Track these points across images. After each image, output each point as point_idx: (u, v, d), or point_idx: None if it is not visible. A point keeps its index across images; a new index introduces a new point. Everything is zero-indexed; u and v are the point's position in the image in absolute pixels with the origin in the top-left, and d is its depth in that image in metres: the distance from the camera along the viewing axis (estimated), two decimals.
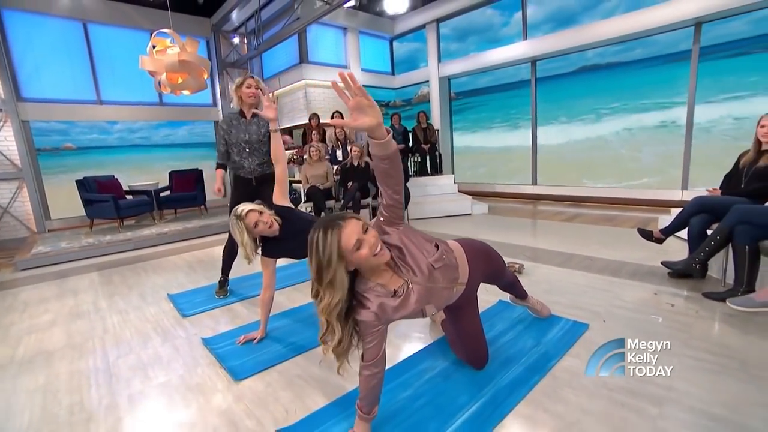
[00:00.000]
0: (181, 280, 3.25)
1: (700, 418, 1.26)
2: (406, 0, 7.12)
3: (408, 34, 8.07)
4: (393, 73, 8.56)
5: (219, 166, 2.77)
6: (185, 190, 5.88)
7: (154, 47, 4.83)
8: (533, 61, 6.20)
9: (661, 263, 2.45)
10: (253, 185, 2.74)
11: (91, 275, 3.62)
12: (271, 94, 2.22)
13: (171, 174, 6.09)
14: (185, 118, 7.03)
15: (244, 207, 2.00)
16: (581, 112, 5.89)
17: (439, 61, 7.49)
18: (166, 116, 6.82)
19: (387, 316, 1.26)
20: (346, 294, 1.16)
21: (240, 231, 1.94)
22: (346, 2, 5.32)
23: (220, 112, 7.21)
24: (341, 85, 1.07)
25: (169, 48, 4.85)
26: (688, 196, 4.70)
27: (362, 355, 1.26)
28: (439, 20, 7.29)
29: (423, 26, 7.54)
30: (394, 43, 8.41)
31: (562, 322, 2.00)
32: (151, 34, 6.53)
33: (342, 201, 4.85)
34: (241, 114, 2.70)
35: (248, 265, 2.04)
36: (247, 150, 2.68)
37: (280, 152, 2.16)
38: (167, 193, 5.87)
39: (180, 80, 4.90)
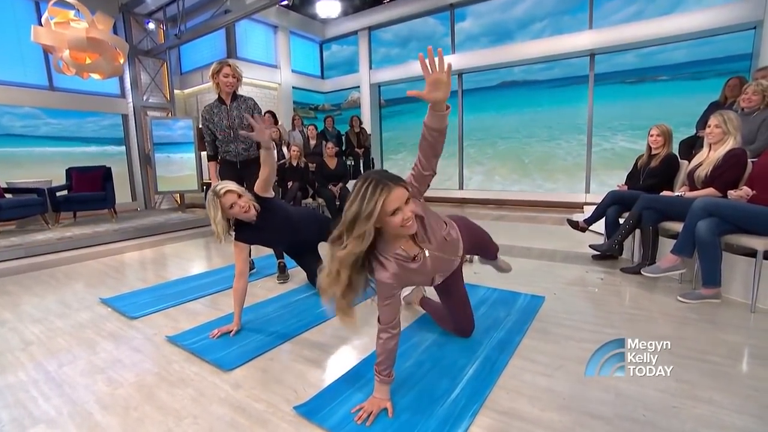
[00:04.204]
0: (110, 284, 2.84)
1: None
2: (339, 5, 7.24)
3: (339, 39, 8.16)
4: (322, 77, 8.56)
5: (211, 158, 2.86)
6: (88, 189, 5.02)
7: (51, 18, 4.11)
8: (460, 74, 6.79)
9: (590, 246, 2.91)
10: (237, 168, 2.81)
11: None
12: (265, 116, 2.17)
13: (69, 171, 5.15)
14: (82, 107, 5.94)
15: (224, 185, 1.94)
16: (502, 125, 6.61)
17: (371, 68, 7.73)
18: (55, 103, 5.64)
19: (404, 280, 1.34)
20: (366, 248, 1.21)
21: (214, 208, 1.89)
22: (282, 1, 5.23)
23: (130, 104, 6.35)
24: (427, 60, 1.12)
25: (73, 21, 4.18)
26: (591, 198, 5.59)
27: (378, 318, 1.31)
28: (371, 28, 7.54)
29: (355, 32, 7.72)
30: (332, 46, 8.41)
31: (522, 297, 2.26)
32: (38, 3, 5.59)
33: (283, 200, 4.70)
34: (220, 101, 2.75)
35: (219, 244, 1.95)
36: (231, 135, 2.74)
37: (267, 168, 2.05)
38: (65, 192, 4.96)
39: (88, 60, 4.27)
